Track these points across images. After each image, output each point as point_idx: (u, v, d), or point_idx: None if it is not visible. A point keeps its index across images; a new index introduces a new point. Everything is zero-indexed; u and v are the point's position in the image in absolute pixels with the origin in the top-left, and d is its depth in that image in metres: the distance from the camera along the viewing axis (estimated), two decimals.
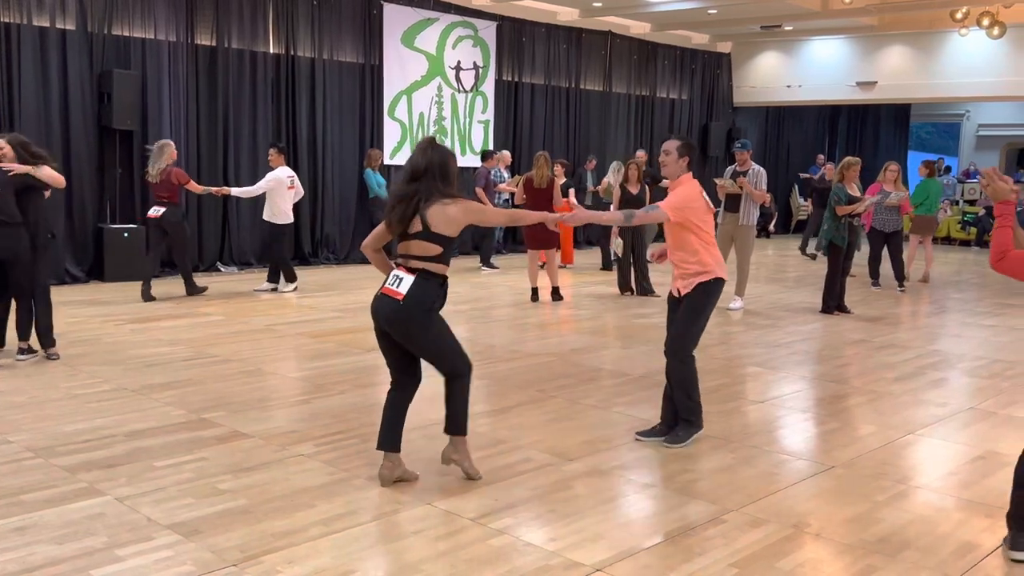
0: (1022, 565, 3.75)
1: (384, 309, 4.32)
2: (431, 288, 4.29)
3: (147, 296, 9.63)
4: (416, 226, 4.26)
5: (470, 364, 4.49)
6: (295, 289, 10.56)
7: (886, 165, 12.00)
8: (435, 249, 4.28)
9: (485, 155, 13.55)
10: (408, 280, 4.25)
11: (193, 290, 10.09)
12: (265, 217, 10.58)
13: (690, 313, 5.14)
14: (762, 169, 9.97)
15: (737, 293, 10.13)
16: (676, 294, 5.24)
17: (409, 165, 4.34)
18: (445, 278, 4.36)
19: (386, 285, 4.34)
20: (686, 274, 5.17)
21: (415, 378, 4.56)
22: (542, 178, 10.32)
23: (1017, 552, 3.77)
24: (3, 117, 10.30)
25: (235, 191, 10.73)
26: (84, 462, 4.64)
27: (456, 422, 4.51)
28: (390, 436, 4.45)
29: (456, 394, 4.48)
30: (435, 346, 4.38)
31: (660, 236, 16.22)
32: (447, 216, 4.25)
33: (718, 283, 5.17)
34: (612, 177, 13.47)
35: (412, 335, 4.32)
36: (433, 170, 4.26)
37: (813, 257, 15.45)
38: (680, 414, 5.22)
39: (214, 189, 10.69)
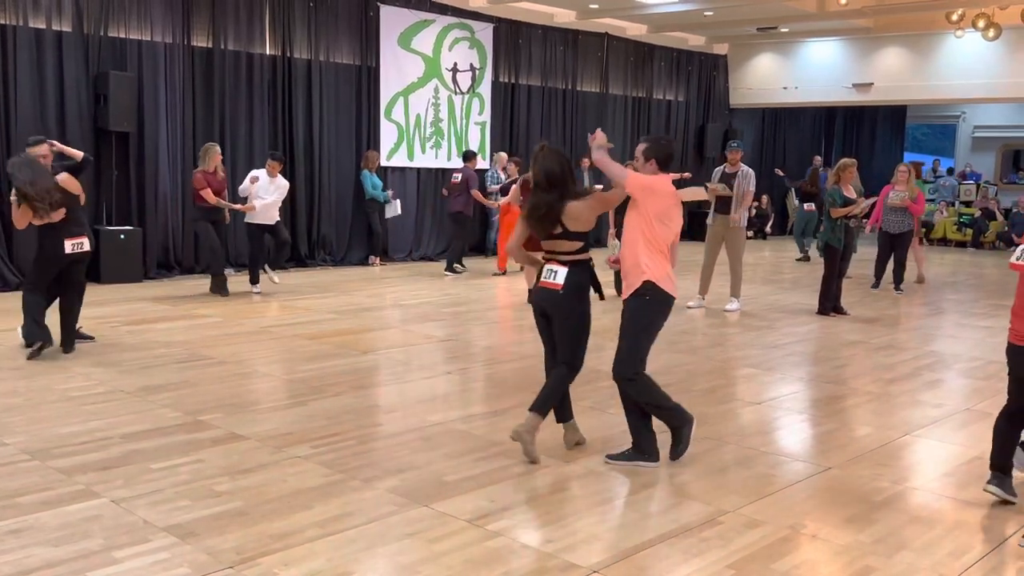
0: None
1: (547, 299, 4.87)
2: (583, 273, 4.84)
3: (220, 291, 10.25)
4: (558, 228, 4.78)
5: (582, 365, 4.99)
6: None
7: (897, 166, 12.07)
8: (576, 245, 4.83)
9: (468, 156, 13.39)
10: (563, 272, 4.80)
11: (218, 288, 10.29)
12: (272, 220, 10.44)
13: (632, 328, 4.78)
14: (751, 170, 10.02)
15: (733, 295, 10.14)
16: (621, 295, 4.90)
17: (543, 173, 4.81)
18: (591, 259, 4.92)
19: (543, 280, 4.87)
20: (628, 274, 4.80)
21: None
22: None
23: (992, 487, 4.39)
24: (0, 119, 10.30)
25: (258, 203, 10.26)
26: (80, 464, 4.63)
27: (541, 400, 4.93)
28: (560, 409, 5.10)
29: (556, 380, 4.93)
30: (572, 334, 4.89)
31: None
32: (579, 217, 4.77)
33: (659, 296, 4.73)
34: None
35: (564, 317, 4.85)
36: (567, 174, 4.81)
37: (807, 258, 15.49)
38: (667, 424, 4.87)
39: (240, 207, 10.39)
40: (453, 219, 13.05)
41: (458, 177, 12.99)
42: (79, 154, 7.22)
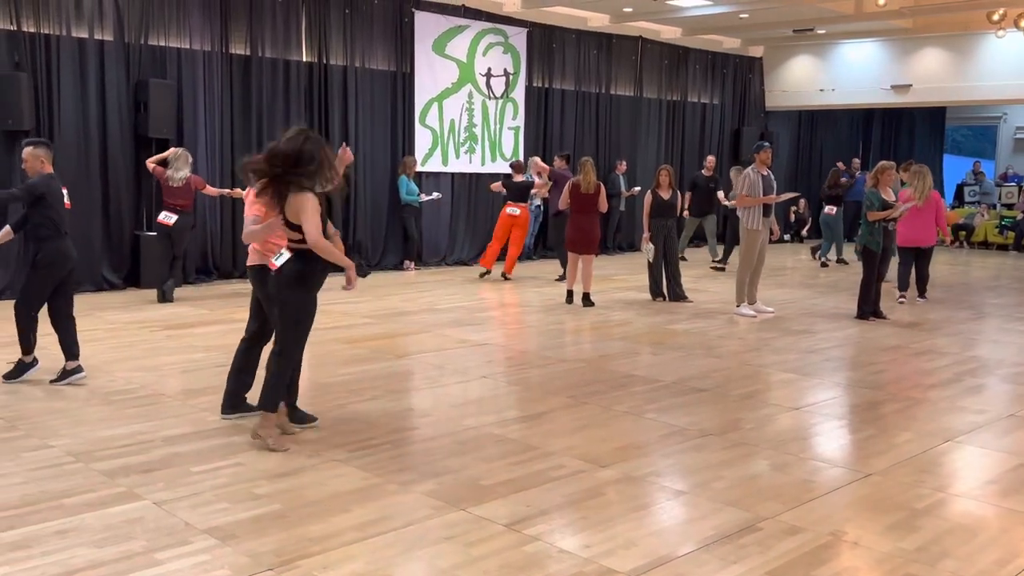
0: None
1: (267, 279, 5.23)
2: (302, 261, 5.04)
3: (167, 297, 10.11)
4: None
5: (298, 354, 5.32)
6: None
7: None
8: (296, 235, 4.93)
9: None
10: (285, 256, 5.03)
11: (164, 297, 10.09)
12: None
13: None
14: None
15: (759, 297, 10.15)
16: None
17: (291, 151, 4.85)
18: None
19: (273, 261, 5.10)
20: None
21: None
22: (589, 184, 10.33)
23: None
24: (43, 126, 10.47)
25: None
26: (122, 467, 4.70)
27: (265, 395, 5.17)
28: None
29: (273, 368, 5.16)
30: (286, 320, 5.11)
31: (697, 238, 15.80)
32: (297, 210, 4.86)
33: None
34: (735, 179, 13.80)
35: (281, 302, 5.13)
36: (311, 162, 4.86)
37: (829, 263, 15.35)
38: (264, 394, 5.17)
39: (227, 191, 10.93)
40: (557, 221, 12.64)
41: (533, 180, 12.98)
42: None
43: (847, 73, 18.46)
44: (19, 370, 6.48)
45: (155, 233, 10.79)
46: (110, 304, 9.95)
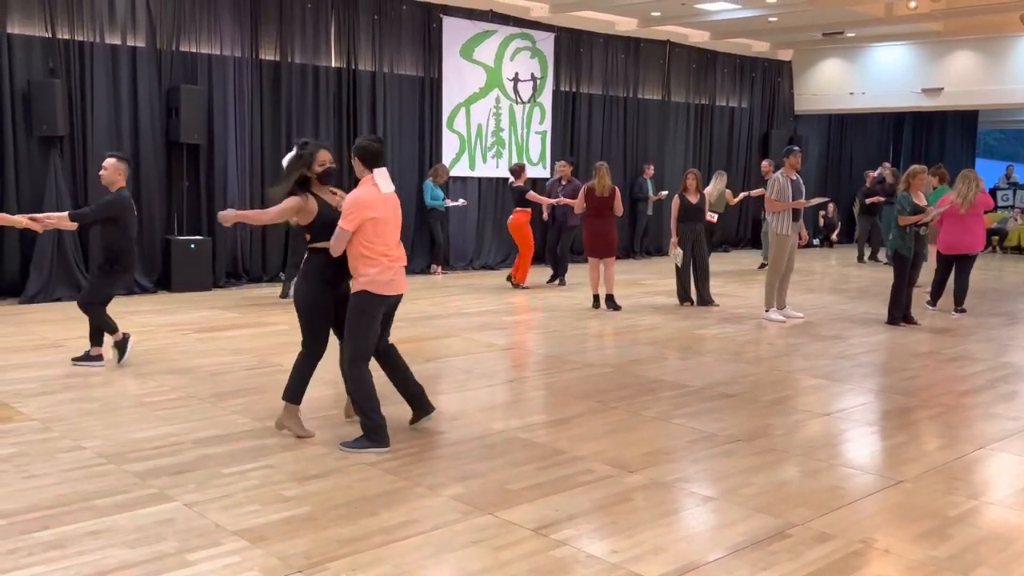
0: None
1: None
2: (309, 263, 5.38)
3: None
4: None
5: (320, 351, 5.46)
6: None
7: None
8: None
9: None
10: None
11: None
12: None
13: (350, 320, 5.24)
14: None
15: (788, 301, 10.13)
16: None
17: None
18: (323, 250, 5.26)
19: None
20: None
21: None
22: (604, 187, 10.40)
23: None
24: (77, 131, 10.64)
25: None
26: (154, 468, 4.75)
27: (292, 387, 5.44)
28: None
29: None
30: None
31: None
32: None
33: (366, 297, 5.14)
34: (715, 186, 13.58)
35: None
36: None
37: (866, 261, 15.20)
38: (361, 425, 5.20)
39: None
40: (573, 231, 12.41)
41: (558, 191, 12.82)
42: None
43: (877, 76, 18.31)
44: (121, 349, 7.15)
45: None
46: (142, 307, 10.07)
